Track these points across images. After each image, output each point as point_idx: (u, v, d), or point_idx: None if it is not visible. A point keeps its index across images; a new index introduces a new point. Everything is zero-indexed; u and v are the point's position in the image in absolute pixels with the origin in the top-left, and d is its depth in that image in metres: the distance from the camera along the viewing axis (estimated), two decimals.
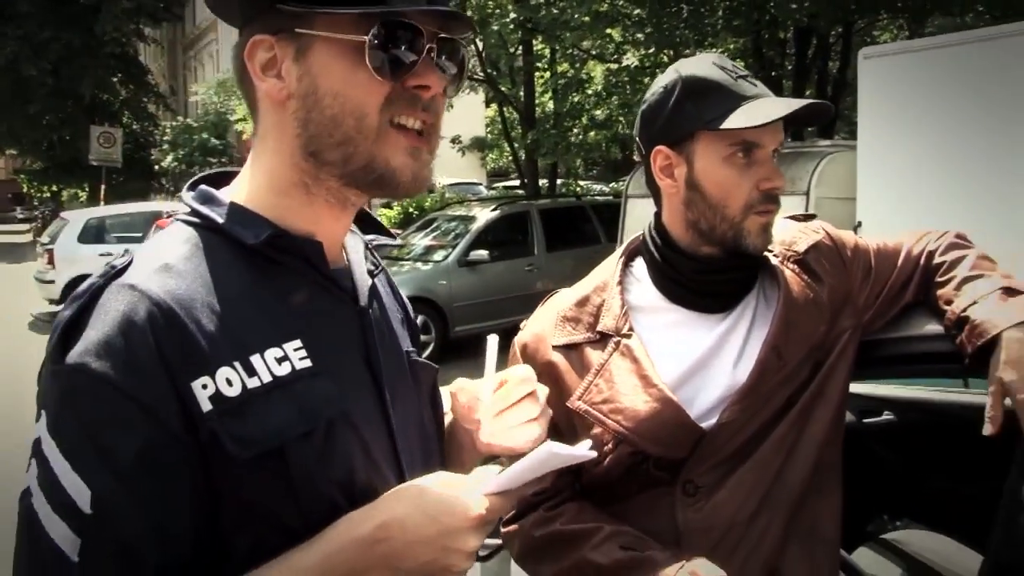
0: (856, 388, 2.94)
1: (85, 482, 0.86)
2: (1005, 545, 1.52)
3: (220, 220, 1.01)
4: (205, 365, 0.91)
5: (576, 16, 12.38)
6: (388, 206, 19.16)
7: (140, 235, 13.95)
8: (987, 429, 1.38)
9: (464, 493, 0.95)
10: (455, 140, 19.87)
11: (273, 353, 0.96)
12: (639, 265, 1.63)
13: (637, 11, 13.04)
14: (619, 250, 1.67)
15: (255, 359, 0.94)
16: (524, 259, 11.23)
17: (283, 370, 0.95)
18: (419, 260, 10.99)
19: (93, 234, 14.03)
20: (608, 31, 13.52)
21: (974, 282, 1.52)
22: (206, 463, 0.91)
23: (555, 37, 12.61)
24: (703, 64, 1.51)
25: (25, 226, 35.09)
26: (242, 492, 0.92)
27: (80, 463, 0.86)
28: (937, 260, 1.60)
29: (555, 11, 12.99)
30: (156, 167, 30.18)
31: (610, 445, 1.48)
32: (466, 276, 10.42)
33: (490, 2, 14.81)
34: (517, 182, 18.74)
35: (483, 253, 10.62)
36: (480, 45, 15.47)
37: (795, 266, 1.56)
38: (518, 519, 1.58)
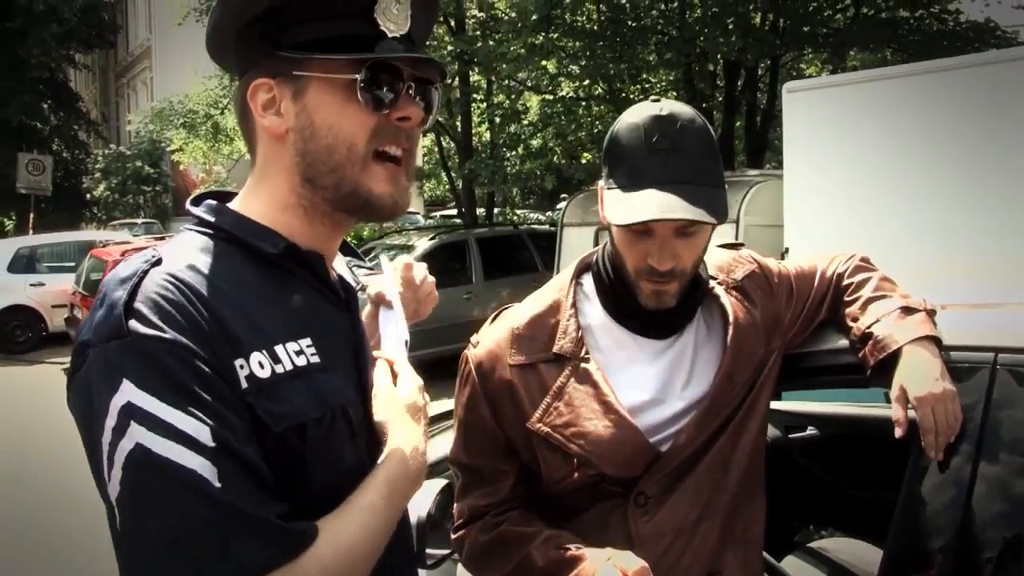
0: (780, 405, 3.09)
1: (200, 421, 0.97)
2: (902, 538, 1.66)
3: (235, 231, 1.15)
4: (241, 348, 1.04)
5: (512, 48, 12.58)
6: None
7: (73, 264, 13.70)
8: (897, 432, 1.54)
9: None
10: None
11: (292, 346, 1.10)
12: (589, 283, 1.67)
13: (571, 44, 13.30)
14: (571, 268, 1.71)
15: (279, 349, 1.08)
16: (463, 287, 11.28)
17: (300, 361, 1.10)
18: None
19: (24, 263, 13.74)
20: (543, 63, 13.73)
21: (877, 302, 1.67)
22: None
23: (491, 69, 12.78)
24: (633, 122, 1.51)
25: None
26: (268, 463, 1.04)
27: (188, 408, 0.97)
28: (846, 281, 1.74)
29: (491, 43, 13.17)
30: (87, 195, 29.55)
31: (571, 466, 1.55)
32: None
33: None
34: (455, 211, 18.83)
35: None
36: None
37: (736, 293, 1.65)
38: (467, 525, 1.66)
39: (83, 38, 27.36)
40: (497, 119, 15.51)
